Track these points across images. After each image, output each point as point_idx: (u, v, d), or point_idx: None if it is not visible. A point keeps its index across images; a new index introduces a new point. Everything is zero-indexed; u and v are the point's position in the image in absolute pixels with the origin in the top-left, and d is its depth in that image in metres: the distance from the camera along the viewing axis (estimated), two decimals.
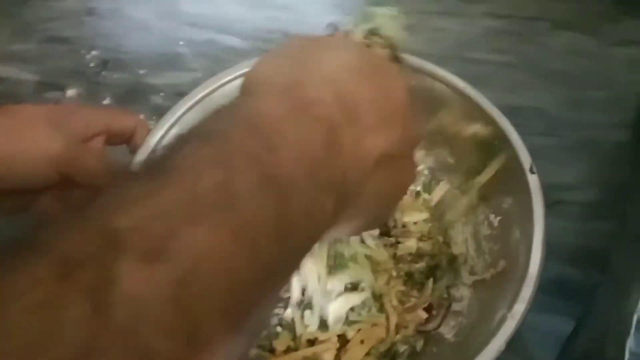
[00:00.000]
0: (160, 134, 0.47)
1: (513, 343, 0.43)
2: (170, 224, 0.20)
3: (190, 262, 0.20)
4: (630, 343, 0.30)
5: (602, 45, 0.61)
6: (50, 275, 0.18)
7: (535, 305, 0.40)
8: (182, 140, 0.24)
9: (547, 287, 0.44)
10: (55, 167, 0.39)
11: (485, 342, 0.37)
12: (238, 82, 0.50)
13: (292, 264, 0.26)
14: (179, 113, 0.48)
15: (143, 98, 0.62)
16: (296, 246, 0.25)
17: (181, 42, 0.66)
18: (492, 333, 0.37)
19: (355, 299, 0.44)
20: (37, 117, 0.40)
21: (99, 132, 0.44)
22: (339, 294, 0.45)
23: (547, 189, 0.42)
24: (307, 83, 0.28)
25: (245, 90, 0.31)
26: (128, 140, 0.46)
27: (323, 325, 0.44)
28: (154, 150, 0.46)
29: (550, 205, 0.42)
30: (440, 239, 0.47)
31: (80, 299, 0.17)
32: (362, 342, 0.44)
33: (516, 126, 0.45)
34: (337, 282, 0.45)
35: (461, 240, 0.47)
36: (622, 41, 0.61)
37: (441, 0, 0.67)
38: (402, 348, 0.44)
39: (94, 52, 0.66)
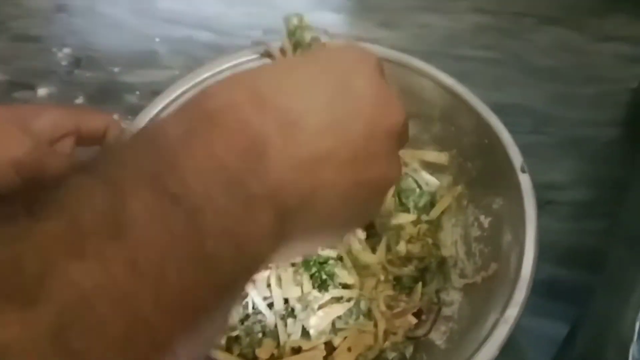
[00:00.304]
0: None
1: (506, 347, 0.42)
2: (46, 260, 0.18)
3: (72, 300, 0.17)
4: (633, 350, 0.29)
5: (589, 41, 0.61)
6: None
7: (527, 308, 0.39)
8: (68, 176, 0.21)
9: (539, 289, 0.43)
10: (18, 172, 0.37)
11: (478, 349, 0.36)
12: (215, 78, 0.49)
13: (225, 293, 0.22)
14: (154, 111, 0.47)
15: (117, 97, 0.60)
16: (227, 272, 0.22)
17: (157, 39, 0.64)
18: (485, 339, 0.36)
19: (339, 309, 0.43)
20: (0, 118, 0.38)
21: (67, 133, 0.42)
22: (322, 306, 0.43)
23: (538, 189, 0.42)
24: (211, 93, 0.25)
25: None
26: (100, 141, 0.44)
27: (306, 334, 0.43)
28: None
29: (541, 206, 0.41)
30: (430, 240, 0.46)
31: None
32: (349, 349, 0.42)
33: (504, 124, 0.44)
34: (322, 295, 0.43)
35: (450, 243, 0.46)
36: (608, 37, 0.61)
37: None
38: (391, 355, 0.43)
39: (65, 50, 0.64)
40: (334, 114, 0.26)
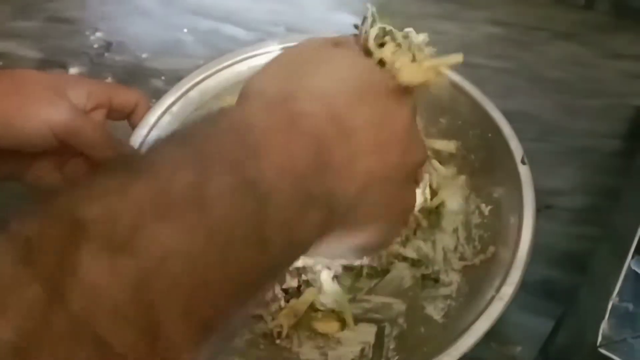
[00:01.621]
0: (160, 111, 0.48)
1: (499, 340, 0.44)
2: (138, 218, 0.20)
3: (155, 257, 0.19)
4: (604, 326, 0.31)
5: (598, 57, 0.62)
6: (10, 258, 0.18)
7: (520, 304, 0.41)
8: (163, 141, 0.24)
9: (532, 287, 0.46)
10: (56, 133, 0.39)
11: (473, 322, 0.37)
12: (238, 67, 0.52)
13: (271, 273, 0.25)
14: (178, 93, 0.49)
15: (144, 81, 0.62)
16: (275, 255, 0.24)
17: (185, 30, 0.67)
18: (480, 314, 0.38)
19: None
20: (40, 82, 0.40)
21: (100, 104, 0.44)
22: None
23: (538, 193, 0.43)
24: (299, 96, 0.28)
25: (240, 98, 0.30)
26: (129, 115, 0.46)
27: None
28: (152, 128, 0.46)
29: (540, 209, 0.43)
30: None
31: (36, 284, 0.17)
32: None
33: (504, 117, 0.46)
34: None
35: (452, 229, 0.48)
36: (616, 54, 0.63)
37: (442, 4, 0.68)
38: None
39: (98, 34, 0.66)
40: (380, 138, 0.29)
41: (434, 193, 0.49)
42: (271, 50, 0.52)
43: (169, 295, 0.19)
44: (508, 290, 0.38)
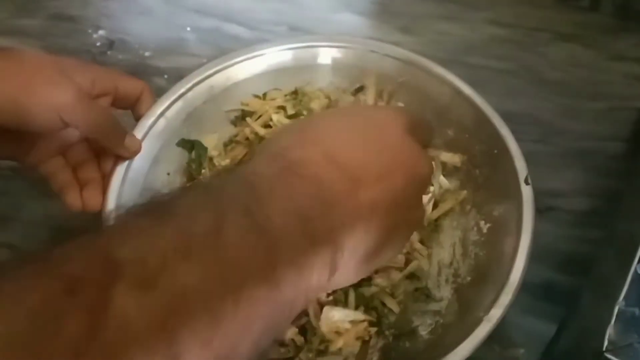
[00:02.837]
0: (166, 104, 0.49)
1: (502, 343, 0.44)
2: (164, 259, 0.23)
3: (177, 294, 0.22)
4: (609, 331, 0.31)
5: (600, 59, 0.62)
6: (56, 289, 0.20)
7: (522, 307, 0.41)
8: (185, 189, 0.28)
9: (534, 290, 0.46)
10: (62, 115, 0.38)
11: (458, 343, 0.37)
12: (242, 65, 0.52)
13: (285, 311, 0.27)
14: (182, 90, 0.50)
15: (147, 79, 0.59)
16: (286, 294, 0.26)
17: (188, 28, 0.67)
18: (466, 334, 0.38)
19: None
20: (46, 63, 0.39)
21: (105, 91, 0.43)
22: None
23: (539, 195, 0.43)
24: (294, 146, 0.31)
25: (254, 154, 0.35)
26: (133, 105, 0.46)
27: None
28: (158, 118, 0.48)
29: (542, 211, 0.43)
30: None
31: (79, 314, 0.20)
32: None
33: (512, 132, 0.46)
34: None
35: (449, 244, 0.48)
36: (620, 56, 0.63)
37: (446, 5, 0.68)
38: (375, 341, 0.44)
39: (100, 32, 0.67)
40: (380, 168, 0.31)
41: (435, 205, 0.49)
42: (273, 50, 0.52)
43: (189, 329, 0.22)
44: (496, 313, 0.38)
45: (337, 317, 0.43)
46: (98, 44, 0.66)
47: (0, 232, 0.53)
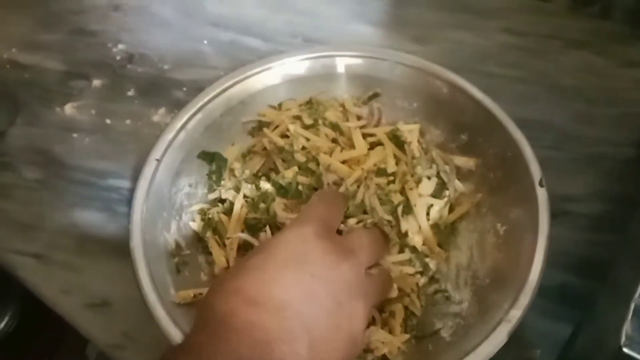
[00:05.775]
0: (185, 118, 0.51)
1: (517, 345, 0.44)
2: None
3: None
4: (626, 327, 0.32)
5: (613, 66, 0.63)
6: None
7: (538, 309, 0.42)
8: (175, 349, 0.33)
9: (550, 293, 0.46)
10: None
11: (479, 343, 0.38)
12: (258, 77, 0.54)
13: None
14: (200, 103, 0.52)
15: (166, 92, 0.63)
16: None
17: (205, 41, 0.68)
18: (487, 336, 0.39)
19: None
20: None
21: None
22: None
23: (554, 200, 0.44)
24: (216, 302, 0.34)
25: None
26: None
27: None
28: (179, 131, 0.50)
29: (556, 216, 0.44)
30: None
31: None
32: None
33: (526, 138, 0.47)
34: None
35: (466, 247, 0.48)
36: (632, 62, 0.63)
37: (458, 14, 0.69)
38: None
39: (120, 46, 0.68)
40: (303, 301, 0.34)
41: (451, 208, 0.50)
42: (288, 61, 0.54)
43: None
44: (516, 313, 0.39)
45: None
46: (118, 57, 0.67)
47: (26, 242, 0.54)
